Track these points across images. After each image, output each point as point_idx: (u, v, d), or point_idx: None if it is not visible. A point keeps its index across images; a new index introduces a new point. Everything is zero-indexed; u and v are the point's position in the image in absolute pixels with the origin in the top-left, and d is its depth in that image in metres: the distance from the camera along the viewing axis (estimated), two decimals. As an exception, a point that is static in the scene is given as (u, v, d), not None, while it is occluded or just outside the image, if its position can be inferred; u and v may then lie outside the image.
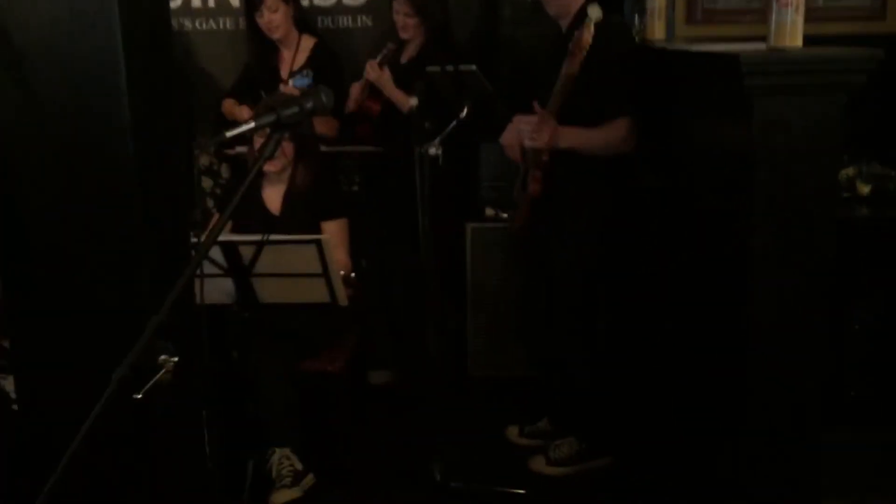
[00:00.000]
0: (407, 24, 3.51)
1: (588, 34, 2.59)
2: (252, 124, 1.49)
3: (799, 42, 2.02)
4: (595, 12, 2.60)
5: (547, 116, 2.71)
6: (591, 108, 2.77)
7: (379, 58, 3.48)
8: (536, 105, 2.76)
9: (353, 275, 2.90)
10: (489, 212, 3.81)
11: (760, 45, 2.13)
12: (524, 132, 2.75)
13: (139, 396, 1.45)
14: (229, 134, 1.45)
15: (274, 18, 3.61)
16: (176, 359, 1.48)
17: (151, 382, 1.46)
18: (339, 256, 2.91)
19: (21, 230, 1.85)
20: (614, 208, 2.93)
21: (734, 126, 2.16)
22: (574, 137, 2.76)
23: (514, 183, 3.09)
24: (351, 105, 3.58)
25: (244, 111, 3.63)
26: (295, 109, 1.53)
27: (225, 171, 4.05)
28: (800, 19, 2.00)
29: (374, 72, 3.45)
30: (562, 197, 2.91)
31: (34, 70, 1.62)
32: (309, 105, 1.55)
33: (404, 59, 3.61)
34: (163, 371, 1.48)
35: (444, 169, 2.96)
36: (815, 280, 2.09)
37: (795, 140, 2.01)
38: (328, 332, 3.12)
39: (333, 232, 3.04)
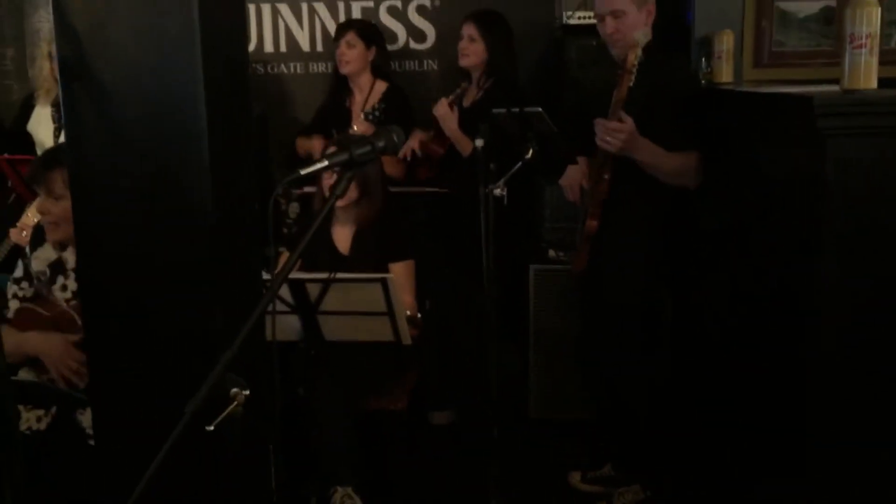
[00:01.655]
0: (469, 49, 3.56)
1: (633, 56, 2.61)
2: (325, 162, 1.52)
3: (873, 84, 1.99)
4: (641, 36, 2.61)
5: (624, 118, 2.69)
6: (655, 142, 2.76)
7: (451, 97, 3.54)
8: (599, 119, 2.76)
9: (418, 315, 2.91)
10: (552, 254, 3.80)
11: (833, 88, 2.11)
12: (599, 132, 2.74)
13: (211, 428, 1.47)
14: (303, 171, 1.49)
15: (347, 53, 3.72)
16: (247, 392, 1.51)
17: (223, 415, 1.48)
18: (404, 297, 2.94)
19: (99, 264, 1.91)
20: (671, 246, 2.91)
21: (805, 166, 2.13)
22: (650, 150, 2.74)
23: (576, 226, 3.09)
24: (408, 149, 3.63)
25: (317, 143, 3.72)
26: (367, 148, 1.56)
27: (293, 210, 4.14)
28: (874, 61, 1.98)
29: (443, 108, 3.50)
30: (619, 235, 2.90)
31: (118, 106, 1.69)
32: (381, 144, 1.58)
33: (467, 102, 3.66)
34: (234, 404, 1.50)
35: (508, 210, 2.98)
36: (888, 321, 2.03)
37: (868, 181, 1.97)
38: (391, 370, 3.13)
39: (400, 273, 3.07)
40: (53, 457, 2.49)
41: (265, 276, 2.09)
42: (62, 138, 3.88)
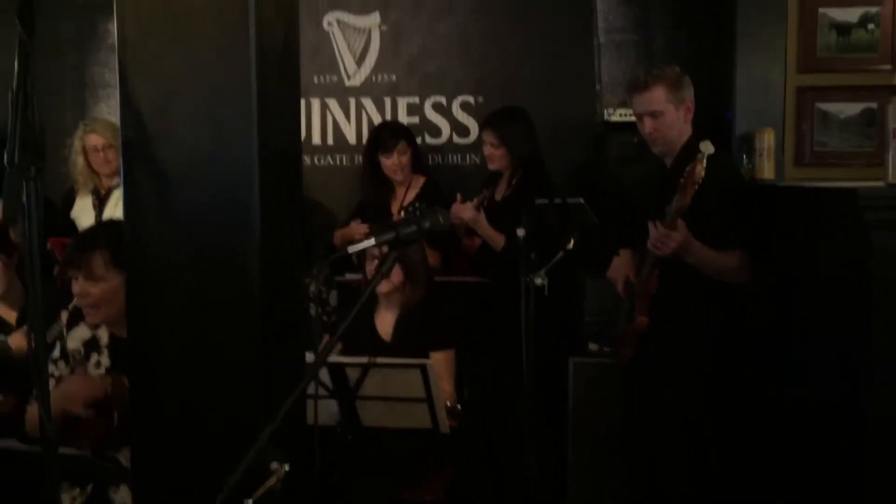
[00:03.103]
0: (493, 154, 3.66)
1: (701, 168, 2.62)
2: (373, 241, 1.56)
3: (917, 178, 2.00)
4: (708, 147, 2.64)
5: (678, 225, 2.69)
6: (703, 240, 2.76)
7: (475, 201, 3.61)
8: (654, 223, 2.77)
9: (458, 406, 2.90)
10: (592, 347, 3.77)
11: (878, 183, 2.12)
12: (652, 236, 2.74)
13: (250, 502, 1.46)
14: (351, 249, 1.52)
15: (402, 161, 3.82)
16: (287, 467, 1.50)
17: (263, 488, 1.48)
18: (444, 386, 2.92)
19: (149, 345, 1.94)
20: (721, 344, 2.87)
21: (850, 260, 2.12)
22: (704, 253, 2.73)
23: (618, 318, 3.07)
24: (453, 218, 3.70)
25: (357, 227, 3.78)
26: (413, 228, 1.59)
27: (333, 298, 4.18)
28: (917, 155, 1.99)
29: (470, 212, 3.57)
30: (668, 331, 2.87)
31: (177, 189, 1.75)
32: (426, 224, 1.61)
33: (498, 195, 3.73)
34: (274, 479, 1.50)
35: (548, 301, 2.99)
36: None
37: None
38: (428, 460, 3.09)
39: (441, 361, 3.06)
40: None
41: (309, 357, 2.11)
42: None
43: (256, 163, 1.78)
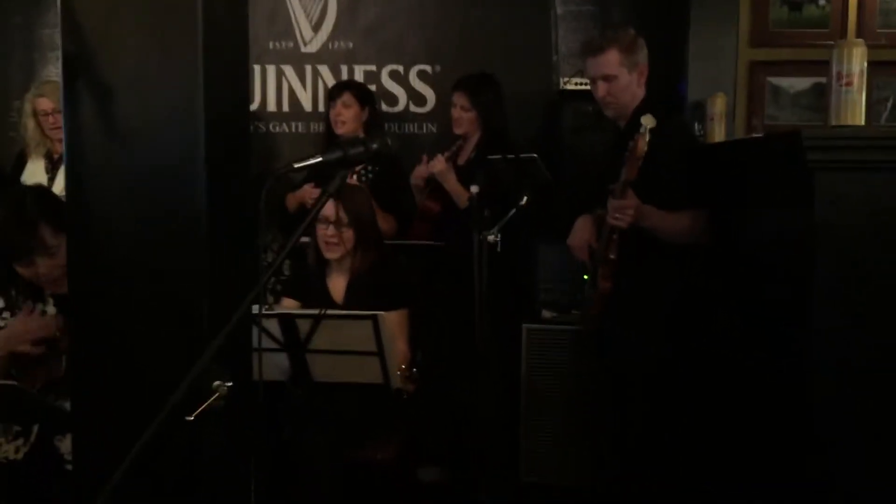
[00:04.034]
0: (462, 118, 3.65)
1: (643, 143, 2.63)
2: (319, 158, 1.54)
3: (860, 120, 2.04)
4: (649, 121, 2.66)
5: (629, 195, 2.72)
6: (656, 203, 2.78)
7: (447, 153, 3.60)
8: (611, 198, 2.78)
9: (414, 370, 2.88)
10: (546, 314, 3.79)
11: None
12: (610, 210, 2.76)
13: (191, 418, 1.44)
14: (297, 164, 1.50)
15: (343, 113, 3.79)
16: (230, 384, 1.49)
17: (205, 405, 1.46)
18: (399, 346, 2.91)
19: (88, 266, 1.89)
20: (680, 305, 2.89)
21: (796, 206, 2.15)
22: (657, 216, 2.75)
23: (573, 284, 3.05)
24: (414, 180, 3.68)
25: (308, 189, 3.76)
26: (360, 148, 1.58)
27: (287, 268, 4.14)
28: (861, 98, 2.02)
29: (440, 164, 3.56)
30: (630, 294, 2.88)
31: (119, 106, 1.70)
32: (374, 146, 1.60)
33: (461, 160, 3.72)
34: (216, 395, 1.48)
35: (502, 262, 2.99)
36: (883, 360, 2.02)
37: (855, 215, 1.99)
38: (380, 419, 3.08)
39: (394, 321, 3.04)
40: (33, 485, 2.44)
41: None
42: (55, 187, 3.94)
43: (203, 132, 1.73)
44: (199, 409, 1.46)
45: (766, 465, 2.43)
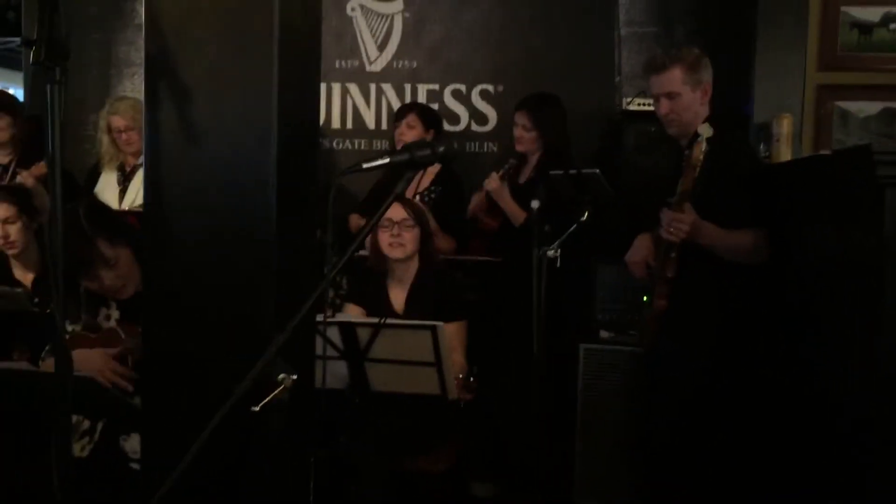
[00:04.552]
0: (524, 137, 3.66)
1: (699, 151, 2.61)
2: (387, 159, 1.57)
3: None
4: (705, 130, 2.64)
5: (685, 208, 2.70)
6: (715, 221, 2.75)
7: (501, 171, 3.62)
8: (665, 209, 2.77)
9: (472, 379, 2.89)
10: (604, 334, 3.76)
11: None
12: (664, 223, 2.74)
13: (257, 409, 1.47)
14: (366, 165, 1.54)
15: (407, 133, 3.85)
16: (294, 377, 1.52)
17: (270, 397, 1.49)
18: (455, 357, 2.92)
19: (163, 275, 1.94)
20: (738, 327, 2.84)
21: (864, 223, 2.11)
22: (717, 234, 2.73)
23: (632, 305, 3.03)
24: (471, 211, 3.70)
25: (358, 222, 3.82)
26: (427, 151, 1.61)
27: (345, 283, 4.19)
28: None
29: (494, 183, 3.58)
30: (688, 314, 2.85)
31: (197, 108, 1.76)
32: (440, 149, 1.63)
33: (522, 179, 3.74)
34: (281, 388, 1.51)
35: (561, 279, 2.98)
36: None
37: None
38: (434, 432, 3.08)
39: (452, 332, 3.06)
40: (96, 483, 2.49)
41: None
42: (125, 203, 4.07)
43: (275, 148, 1.76)
44: (265, 400, 1.49)
45: (823, 492, 2.37)
